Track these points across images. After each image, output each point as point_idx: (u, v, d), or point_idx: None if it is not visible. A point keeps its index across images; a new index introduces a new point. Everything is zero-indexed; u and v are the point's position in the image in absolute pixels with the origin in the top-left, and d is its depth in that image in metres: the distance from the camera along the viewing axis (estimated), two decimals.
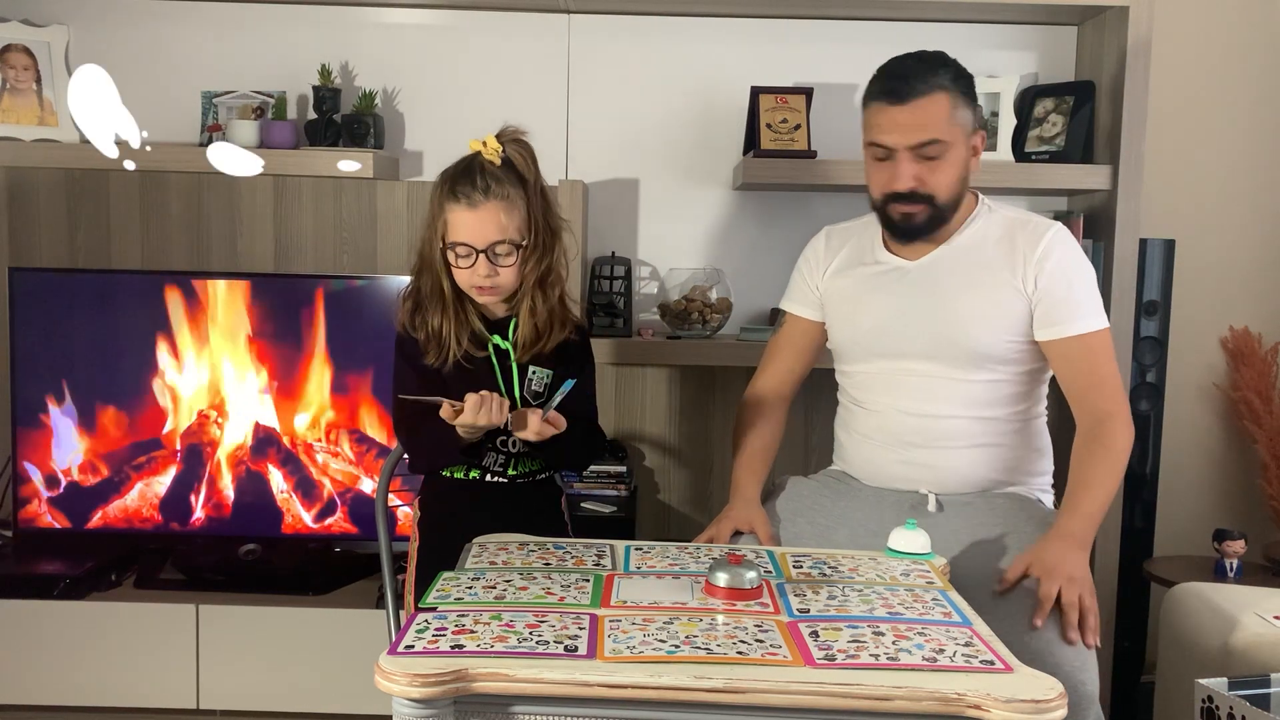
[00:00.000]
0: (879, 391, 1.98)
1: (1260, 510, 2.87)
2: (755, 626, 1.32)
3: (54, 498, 2.68)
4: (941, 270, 1.94)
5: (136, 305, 2.65)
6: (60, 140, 2.77)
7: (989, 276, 1.91)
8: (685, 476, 2.92)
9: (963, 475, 1.93)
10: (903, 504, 1.93)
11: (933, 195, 1.88)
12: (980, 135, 1.93)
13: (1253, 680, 1.84)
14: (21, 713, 2.51)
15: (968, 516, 1.88)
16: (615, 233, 2.86)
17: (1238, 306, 2.91)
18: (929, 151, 1.85)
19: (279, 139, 2.69)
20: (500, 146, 1.88)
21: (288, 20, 2.83)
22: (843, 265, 2.06)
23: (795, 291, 2.14)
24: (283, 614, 2.51)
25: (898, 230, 1.94)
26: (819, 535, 1.90)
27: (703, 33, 2.82)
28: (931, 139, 1.84)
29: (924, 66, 1.86)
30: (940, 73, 1.85)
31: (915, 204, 1.88)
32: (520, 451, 1.95)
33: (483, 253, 1.84)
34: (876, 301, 1.98)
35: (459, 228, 1.85)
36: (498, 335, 1.93)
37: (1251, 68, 2.88)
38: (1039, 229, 1.92)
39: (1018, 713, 1.14)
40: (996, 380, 1.92)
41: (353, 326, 2.64)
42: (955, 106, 1.85)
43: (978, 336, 1.89)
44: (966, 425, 1.92)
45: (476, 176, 1.85)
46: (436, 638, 1.26)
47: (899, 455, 1.95)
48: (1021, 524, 1.84)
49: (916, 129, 1.84)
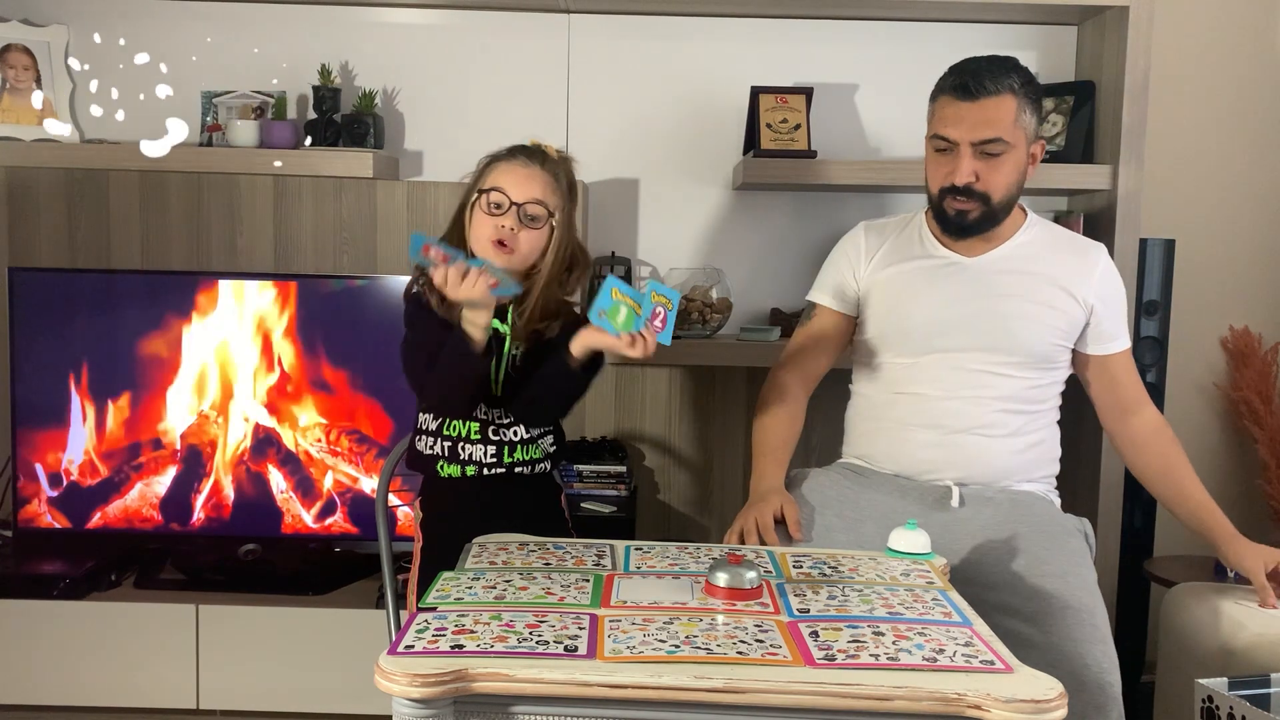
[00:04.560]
0: (924, 382, 1.99)
1: (1260, 510, 2.87)
2: (755, 626, 1.32)
3: (54, 498, 2.68)
4: (1000, 269, 1.98)
5: (136, 305, 2.65)
6: (60, 140, 2.77)
7: (1047, 282, 1.97)
8: (685, 476, 2.92)
9: (985, 463, 1.95)
10: (926, 496, 1.94)
11: (988, 194, 1.92)
12: (1040, 145, 1.98)
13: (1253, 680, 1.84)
14: (21, 713, 2.51)
15: (989, 513, 1.90)
16: (615, 233, 2.86)
17: (1238, 306, 2.91)
18: (991, 149, 1.90)
19: (279, 139, 2.69)
20: (557, 154, 1.94)
21: (288, 20, 2.83)
22: (888, 259, 2.06)
23: (829, 284, 2.12)
24: (283, 614, 2.51)
25: (950, 225, 1.98)
26: (848, 527, 1.90)
27: (703, 33, 2.82)
28: (995, 137, 1.89)
29: (996, 67, 1.92)
30: (1011, 75, 1.91)
31: (970, 200, 1.93)
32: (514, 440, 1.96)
33: (518, 206, 1.86)
34: (931, 294, 2.00)
35: (502, 176, 1.88)
36: (496, 319, 1.92)
37: (1251, 68, 2.88)
38: (1093, 248, 2.04)
39: (1018, 713, 1.14)
40: (1038, 379, 1.98)
41: (353, 326, 2.64)
42: (1021, 111, 1.91)
43: (1032, 336, 1.95)
44: (1001, 418, 1.96)
45: (538, 151, 1.91)
46: (436, 638, 1.26)
47: (930, 438, 1.96)
48: (1039, 526, 1.87)
49: (982, 125, 1.89)
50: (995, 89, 1.88)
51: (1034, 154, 1.97)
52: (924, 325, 1.99)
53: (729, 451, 2.90)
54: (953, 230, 1.98)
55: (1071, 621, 1.68)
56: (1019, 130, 1.91)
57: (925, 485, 1.96)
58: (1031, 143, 1.95)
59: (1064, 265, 1.99)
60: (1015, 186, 1.95)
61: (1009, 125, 1.89)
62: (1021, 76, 1.92)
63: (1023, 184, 1.97)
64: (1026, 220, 2.04)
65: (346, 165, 2.66)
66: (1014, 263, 1.99)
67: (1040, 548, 1.81)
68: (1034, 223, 2.05)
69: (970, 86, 1.89)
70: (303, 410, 2.67)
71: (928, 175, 2.00)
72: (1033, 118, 1.94)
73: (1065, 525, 1.92)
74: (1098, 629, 1.70)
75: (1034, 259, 1.99)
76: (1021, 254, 2.00)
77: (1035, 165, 1.98)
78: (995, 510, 1.90)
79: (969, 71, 1.91)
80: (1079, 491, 2.63)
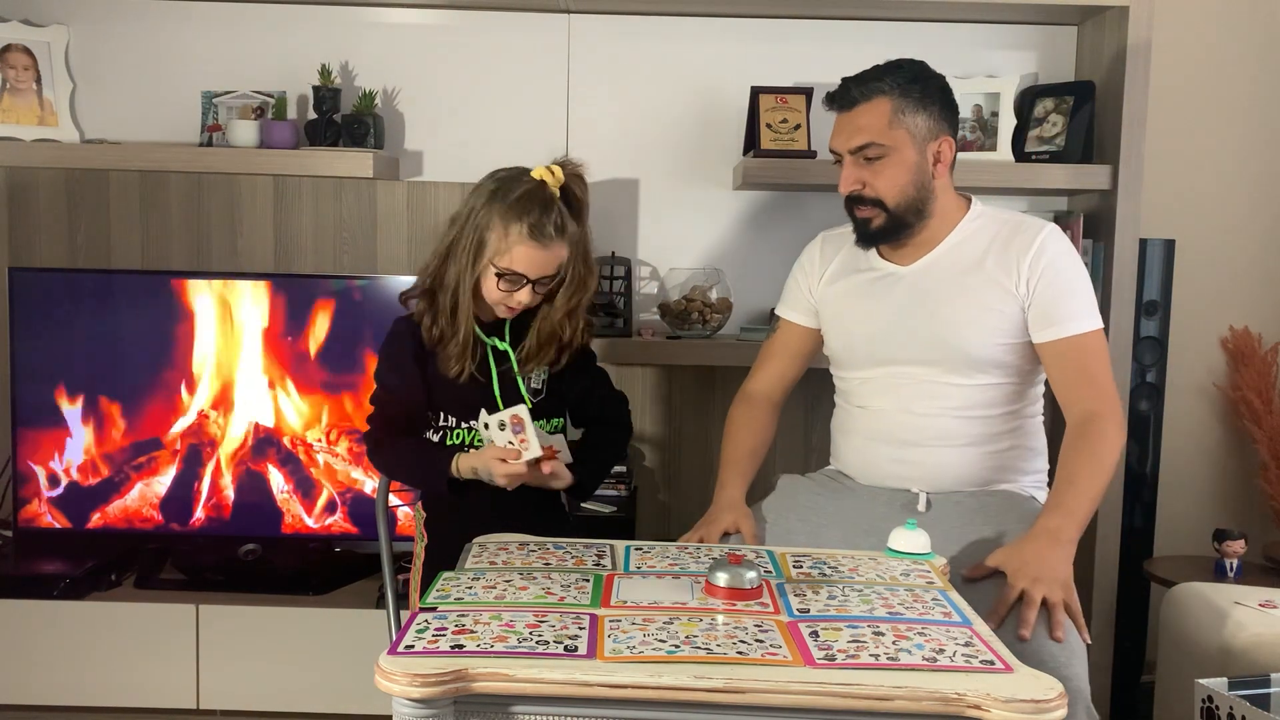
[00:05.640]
0: (875, 396, 1.99)
1: (1260, 510, 2.87)
2: (755, 626, 1.32)
3: (54, 497, 2.68)
4: (933, 275, 1.95)
5: (136, 305, 2.65)
6: (60, 140, 2.77)
7: (981, 281, 1.91)
8: (685, 476, 2.92)
9: (955, 473, 1.93)
10: (894, 502, 1.94)
11: (880, 198, 1.92)
12: (944, 141, 1.92)
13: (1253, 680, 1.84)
14: (21, 713, 2.51)
15: (958, 515, 1.88)
16: (615, 233, 2.86)
17: (1238, 306, 2.91)
18: (868, 154, 1.90)
19: (279, 139, 2.69)
20: (563, 179, 1.87)
21: (288, 20, 2.83)
22: (837, 273, 2.07)
23: (790, 297, 2.16)
24: (283, 614, 2.51)
25: (861, 234, 1.98)
26: (810, 532, 1.90)
27: (703, 33, 2.82)
28: (866, 142, 1.90)
29: (869, 74, 1.92)
30: (885, 79, 1.90)
31: (866, 207, 1.93)
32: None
33: (532, 282, 1.85)
34: (869, 309, 1.99)
35: (523, 261, 1.83)
36: (495, 338, 1.93)
37: (1251, 68, 2.88)
38: (1031, 230, 1.92)
39: (1018, 713, 1.14)
40: (990, 383, 1.92)
41: (353, 326, 2.64)
42: (900, 111, 1.89)
43: (970, 341, 1.90)
44: (960, 425, 1.93)
45: (555, 214, 1.84)
46: (436, 638, 1.26)
47: (893, 453, 1.96)
48: (1012, 522, 1.84)
49: (854, 133, 1.91)
50: (863, 95, 1.89)
51: (938, 152, 1.92)
52: (866, 341, 1.99)
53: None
54: (865, 239, 1.98)
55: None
56: (898, 131, 1.88)
57: (893, 492, 1.96)
58: (928, 140, 1.90)
59: (999, 258, 1.91)
60: (911, 187, 1.91)
61: (881, 129, 1.88)
62: (904, 77, 1.90)
63: (926, 184, 1.91)
64: (968, 214, 1.98)
65: (346, 165, 2.65)
66: (948, 268, 1.94)
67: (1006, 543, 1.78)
68: (976, 216, 1.98)
69: (838, 97, 1.93)
70: (303, 410, 2.67)
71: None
72: (920, 116, 1.89)
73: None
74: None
75: (967, 256, 1.93)
76: (955, 256, 1.94)
77: (943, 163, 1.93)
78: (963, 511, 1.88)
79: (843, 84, 1.94)
80: None
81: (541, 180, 1.86)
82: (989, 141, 2.70)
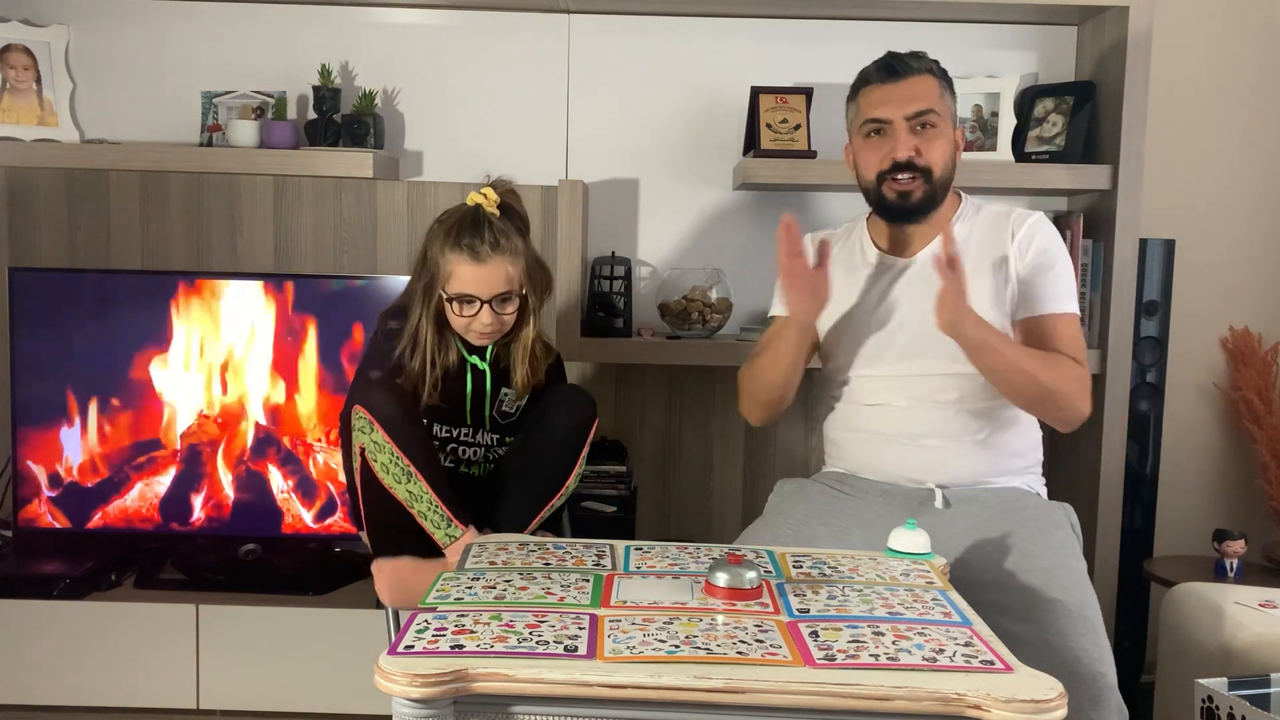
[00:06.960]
0: (885, 392, 1.99)
1: (1260, 510, 2.87)
2: (755, 626, 1.32)
3: (54, 497, 2.68)
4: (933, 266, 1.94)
5: (136, 305, 2.65)
6: (60, 140, 2.77)
7: (980, 269, 1.95)
8: (685, 476, 2.92)
9: (967, 467, 1.94)
10: (911, 500, 1.94)
11: (930, 168, 1.95)
12: (960, 133, 2.02)
13: (1253, 680, 1.84)
14: (21, 713, 2.51)
15: (974, 513, 1.89)
16: (615, 233, 2.86)
17: (1238, 306, 2.91)
18: (926, 119, 1.95)
19: (279, 139, 2.69)
20: (498, 197, 1.93)
21: (288, 20, 2.83)
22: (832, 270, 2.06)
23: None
24: (283, 614, 2.51)
25: (893, 211, 1.99)
26: (833, 536, 1.89)
27: (703, 33, 2.82)
28: (927, 108, 1.94)
29: (910, 54, 1.99)
30: (925, 60, 1.99)
31: (913, 178, 1.95)
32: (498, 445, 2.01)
33: (487, 303, 1.87)
34: (873, 303, 2.00)
35: (465, 281, 1.89)
36: (475, 356, 1.95)
37: (1251, 68, 2.88)
38: (1021, 217, 2.00)
39: (1018, 713, 1.14)
40: None
41: (352, 326, 2.64)
42: (944, 92, 1.98)
43: None
44: (970, 420, 1.95)
45: (485, 230, 1.89)
46: (436, 638, 1.26)
47: (905, 447, 1.96)
48: (1026, 522, 1.85)
49: (913, 99, 1.95)
50: (917, 68, 1.96)
51: (956, 140, 2.00)
52: (871, 336, 2.00)
53: (729, 451, 2.90)
54: (896, 215, 2.00)
55: (1060, 615, 1.67)
56: (945, 107, 1.97)
57: (909, 489, 1.96)
58: (955, 128, 2.00)
59: (993, 244, 1.97)
60: (951, 165, 1.98)
61: (936, 99, 1.96)
62: (936, 63, 2.00)
63: (955, 167, 1.99)
64: (961, 207, 2.04)
65: (346, 165, 2.65)
66: None
67: (1028, 543, 1.80)
68: (968, 209, 2.05)
69: (895, 66, 1.97)
70: (303, 410, 2.67)
71: (861, 167, 2.02)
72: (952, 102, 2.00)
73: (1052, 518, 1.90)
74: (1088, 620, 1.68)
75: (965, 245, 1.96)
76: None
77: (960, 152, 2.02)
78: (981, 509, 1.90)
79: (888, 56, 1.99)
80: (1079, 490, 2.63)
81: (476, 204, 1.92)
82: (989, 141, 2.70)
